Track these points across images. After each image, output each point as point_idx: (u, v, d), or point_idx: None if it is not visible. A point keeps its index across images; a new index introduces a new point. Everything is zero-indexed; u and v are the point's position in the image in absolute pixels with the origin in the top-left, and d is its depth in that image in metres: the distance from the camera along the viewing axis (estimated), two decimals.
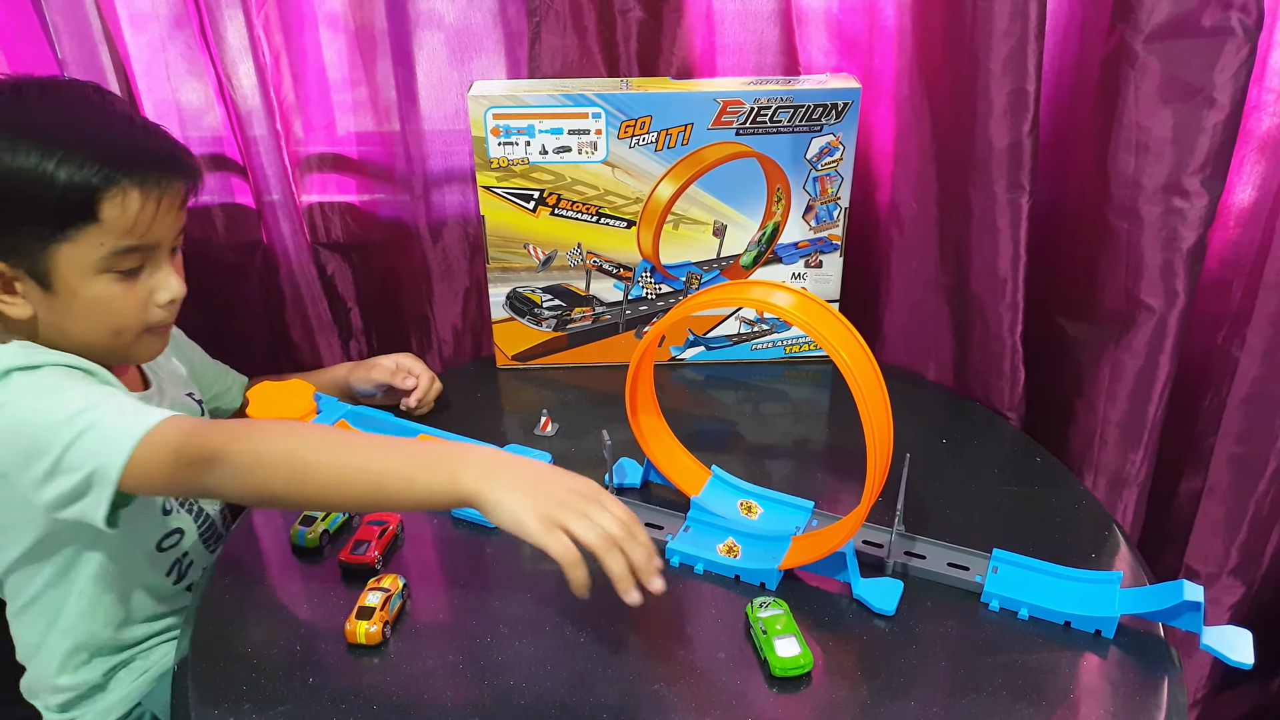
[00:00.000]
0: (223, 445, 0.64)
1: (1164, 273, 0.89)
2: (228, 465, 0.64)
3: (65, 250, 0.70)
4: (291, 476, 0.65)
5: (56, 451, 0.66)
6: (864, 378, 0.67)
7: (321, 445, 0.66)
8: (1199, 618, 0.68)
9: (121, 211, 0.70)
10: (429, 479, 0.64)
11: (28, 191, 0.68)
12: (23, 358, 0.70)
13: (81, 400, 0.68)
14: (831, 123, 0.96)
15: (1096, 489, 0.99)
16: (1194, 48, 0.81)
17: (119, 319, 0.75)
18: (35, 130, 0.69)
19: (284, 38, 1.05)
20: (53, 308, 0.72)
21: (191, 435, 0.66)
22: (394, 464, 0.65)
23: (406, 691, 0.67)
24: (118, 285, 0.73)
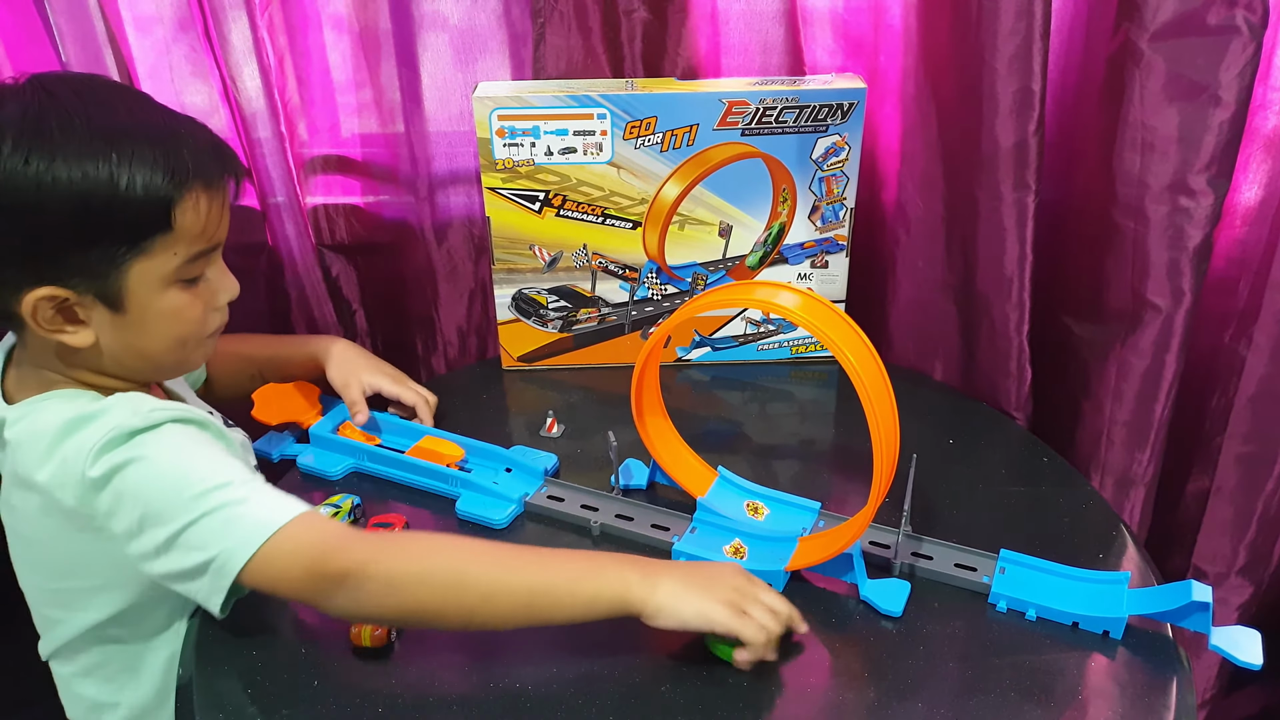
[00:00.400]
0: (364, 562, 0.63)
1: (1170, 272, 0.88)
2: (369, 584, 0.63)
3: (138, 266, 0.65)
4: (445, 595, 0.64)
5: (178, 525, 0.63)
6: (870, 378, 0.67)
7: (476, 558, 0.65)
8: (1207, 618, 0.67)
9: (195, 216, 0.66)
10: (594, 587, 0.66)
11: (101, 207, 0.63)
12: (139, 417, 0.66)
13: (216, 474, 0.65)
14: (837, 123, 0.96)
15: (1104, 489, 0.99)
16: (1199, 46, 0.81)
17: (188, 328, 0.71)
18: (94, 140, 0.62)
19: (288, 39, 1.05)
20: (122, 328, 0.68)
21: (330, 547, 0.63)
22: (556, 577, 0.66)
23: (412, 694, 0.67)
24: (185, 294, 0.69)
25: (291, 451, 0.92)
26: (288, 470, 0.91)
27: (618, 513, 0.83)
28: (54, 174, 0.61)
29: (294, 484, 0.89)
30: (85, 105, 0.64)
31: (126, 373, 0.72)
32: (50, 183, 0.61)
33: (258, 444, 0.91)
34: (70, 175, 0.62)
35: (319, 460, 0.90)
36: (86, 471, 0.65)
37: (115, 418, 0.66)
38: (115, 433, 0.65)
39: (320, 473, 0.89)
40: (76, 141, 0.62)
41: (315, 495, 0.85)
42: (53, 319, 0.66)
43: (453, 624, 0.66)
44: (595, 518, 0.82)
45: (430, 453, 0.89)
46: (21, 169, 0.61)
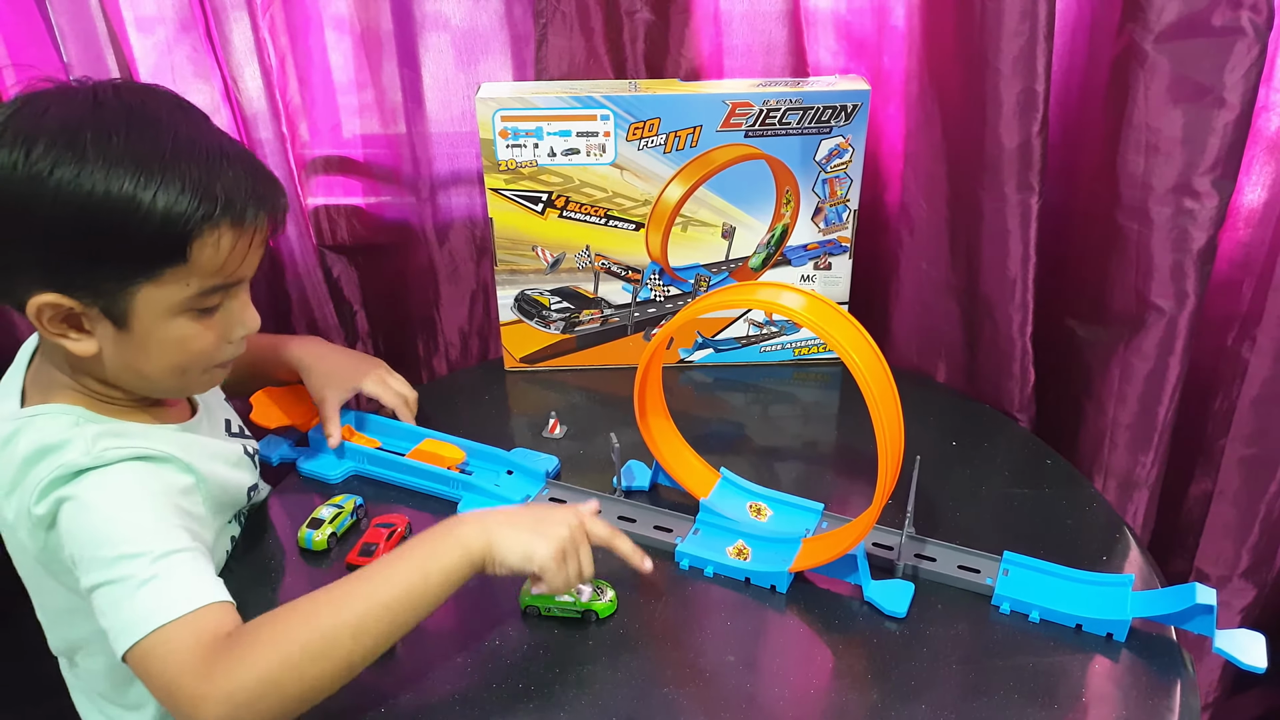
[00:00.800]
0: (218, 691, 0.58)
1: (1174, 274, 0.88)
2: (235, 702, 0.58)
3: (147, 291, 0.64)
4: (317, 665, 0.60)
5: (92, 581, 0.63)
6: (875, 380, 0.66)
7: (321, 613, 0.62)
8: (1211, 621, 0.67)
9: (214, 252, 0.64)
10: (440, 566, 0.64)
11: (115, 228, 0.61)
12: (93, 454, 0.65)
13: (136, 540, 0.63)
14: (841, 124, 0.96)
15: (1106, 491, 0.99)
16: (1204, 47, 0.81)
17: (191, 358, 0.69)
18: (127, 157, 0.61)
19: (290, 40, 1.05)
20: (123, 345, 0.67)
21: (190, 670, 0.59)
22: (403, 579, 0.64)
23: (413, 694, 0.67)
24: (195, 324, 0.68)
25: (291, 455, 0.91)
26: (288, 474, 0.91)
27: (620, 514, 0.82)
28: (75, 187, 0.60)
29: (294, 487, 0.89)
30: (128, 123, 0.63)
31: (126, 386, 0.72)
32: (69, 195, 0.60)
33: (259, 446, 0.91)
34: (91, 191, 0.61)
35: (319, 464, 0.90)
36: (32, 509, 0.65)
37: (68, 454, 0.65)
38: (62, 470, 0.65)
39: (320, 476, 0.89)
40: (107, 159, 0.61)
41: (316, 498, 0.85)
42: (58, 324, 0.65)
43: (342, 680, 0.62)
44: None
45: (431, 455, 0.88)
46: (45, 177, 0.60)
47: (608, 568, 0.74)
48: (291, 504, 0.86)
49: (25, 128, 0.61)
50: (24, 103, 0.63)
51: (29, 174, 0.60)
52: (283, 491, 0.88)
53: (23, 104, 0.63)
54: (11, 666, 0.97)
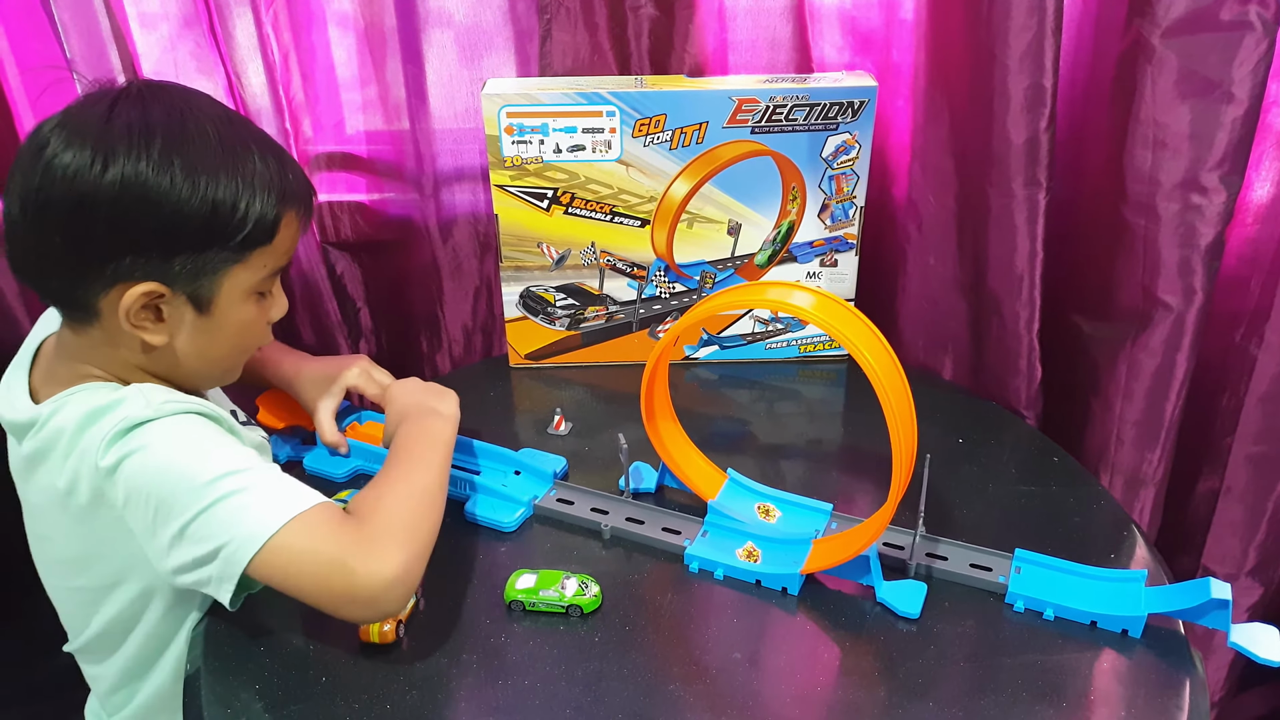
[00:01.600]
0: (363, 543, 0.65)
1: (1181, 270, 0.88)
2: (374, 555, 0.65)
3: (235, 272, 0.69)
4: (436, 504, 0.72)
5: (189, 514, 0.64)
6: (887, 378, 0.66)
7: (415, 474, 0.73)
8: (1227, 616, 0.67)
9: (288, 234, 0.72)
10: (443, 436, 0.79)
11: (226, 216, 0.67)
12: (151, 408, 0.67)
13: (226, 461, 0.66)
14: (847, 121, 0.96)
15: (1113, 488, 0.98)
16: (1212, 42, 0.80)
17: (252, 339, 0.76)
18: (225, 151, 0.67)
19: (293, 36, 1.05)
20: (198, 331, 0.71)
21: (340, 541, 0.65)
22: (437, 448, 0.77)
23: (419, 691, 0.67)
24: (256, 306, 0.74)
25: (297, 454, 0.91)
26: (292, 473, 0.90)
27: (628, 516, 0.82)
28: (193, 180, 0.65)
29: None
30: (215, 119, 0.68)
31: (177, 376, 0.74)
32: (189, 188, 0.65)
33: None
34: (206, 183, 0.65)
35: (324, 462, 0.90)
36: (99, 462, 0.65)
37: (127, 409, 0.67)
38: (125, 423, 0.66)
39: (325, 475, 0.89)
40: (212, 153, 0.66)
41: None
42: (141, 315, 0.68)
43: (439, 524, 0.71)
44: (605, 521, 0.81)
45: (370, 437, 0.90)
46: (167, 169, 0.64)
47: (599, 569, 0.73)
48: None
49: (133, 136, 0.64)
50: (114, 110, 0.65)
51: (152, 169, 0.64)
52: None
53: (113, 112, 0.65)
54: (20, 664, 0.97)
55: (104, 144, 0.63)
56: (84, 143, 0.63)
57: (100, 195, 0.63)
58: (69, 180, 0.63)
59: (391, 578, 0.64)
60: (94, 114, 0.65)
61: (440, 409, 0.81)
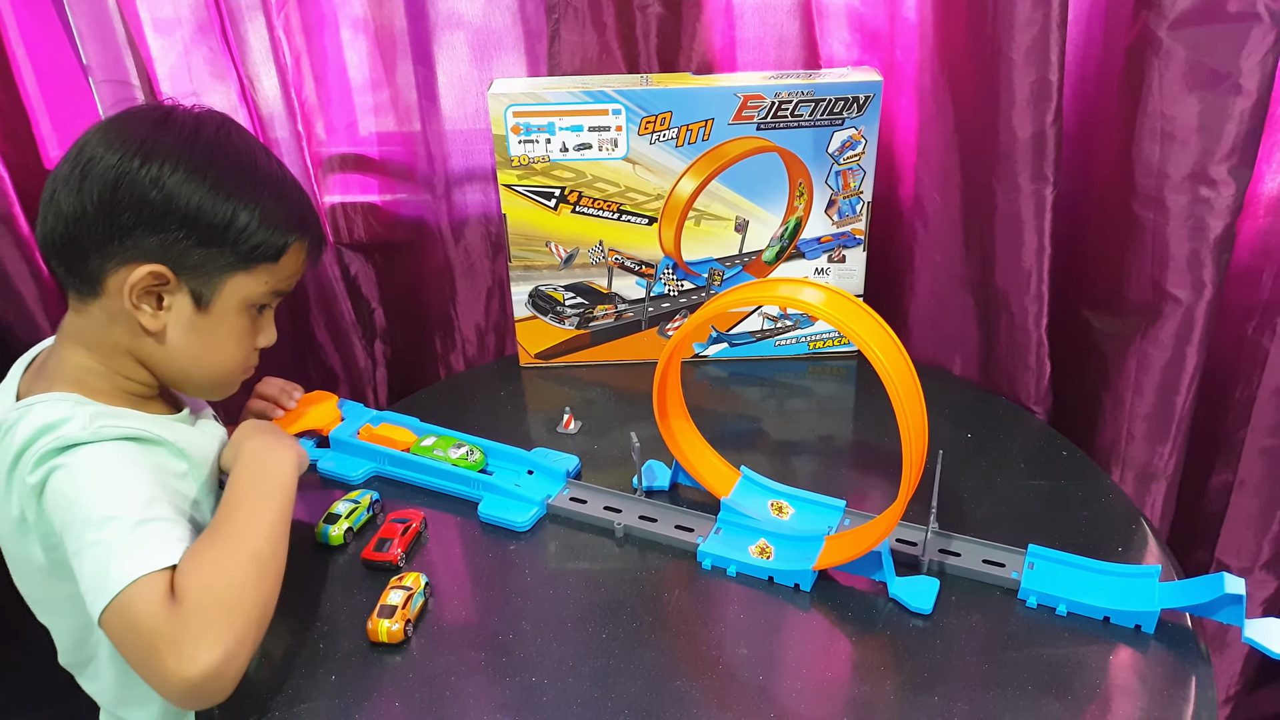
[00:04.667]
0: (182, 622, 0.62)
1: (1191, 263, 0.87)
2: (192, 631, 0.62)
3: (238, 279, 0.74)
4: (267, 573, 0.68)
5: (74, 546, 0.65)
6: (898, 374, 0.66)
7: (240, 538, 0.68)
8: (1241, 610, 0.66)
9: (293, 260, 0.77)
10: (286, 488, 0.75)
11: (243, 225, 0.72)
12: (90, 430, 0.69)
13: (123, 504, 0.66)
14: (853, 116, 0.96)
15: (1124, 483, 0.98)
16: (1220, 34, 0.80)
17: (240, 353, 0.78)
18: (252, 174, 0.73)
19: (305, 39, 1.06)
20: (192, 329, 0.74)
21: (156, 615, 0.62)
22: (274, 501, 0.73)
23: (428, 689, 0.67)
24: (249, 322, 0.77)
25: (312, 456, 0.91)
26: (308, 475, 0.91)
27: (641, 514, 0.82)
28: (220, 191, 0.71)
29: (313, 485, 0.90)
30: (256, 151, 0.76)
31: (161, 370, 0.75)
32: (214, 198, 0.71)
33: None
34: (230, 196, 0.71)
35: (340, 464, 0.90)
36: (27, 478, 0.68)
37: (67, 429, 0.68)
38: (58, 442, 0.67)
39: (341, 477, 0.90)
40: (244, 175, 0.73)
41: (336, 493, 0.86)
42: (143, 296, 0.71)
43: (276, 592, 0.68)
44: (619, 519, 0.82)
45: (385, 438, 0.91)
46: (200, 178, 0.70)
47: (612, 567, 0.73)
48: (310, 500, 0.87)
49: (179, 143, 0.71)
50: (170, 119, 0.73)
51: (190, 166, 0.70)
52: (301, 489, 0.88)
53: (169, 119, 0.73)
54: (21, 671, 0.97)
55: (150, 146, 0.70)
56: (132, 142, 0.70)
57: (135, 182, 0.69)
58: (112, 166, 0.69)
59: (204, 674, 0.60)
60: (145, 119, 0.72)
61: (281, 447, 0.78)
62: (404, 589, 0.73)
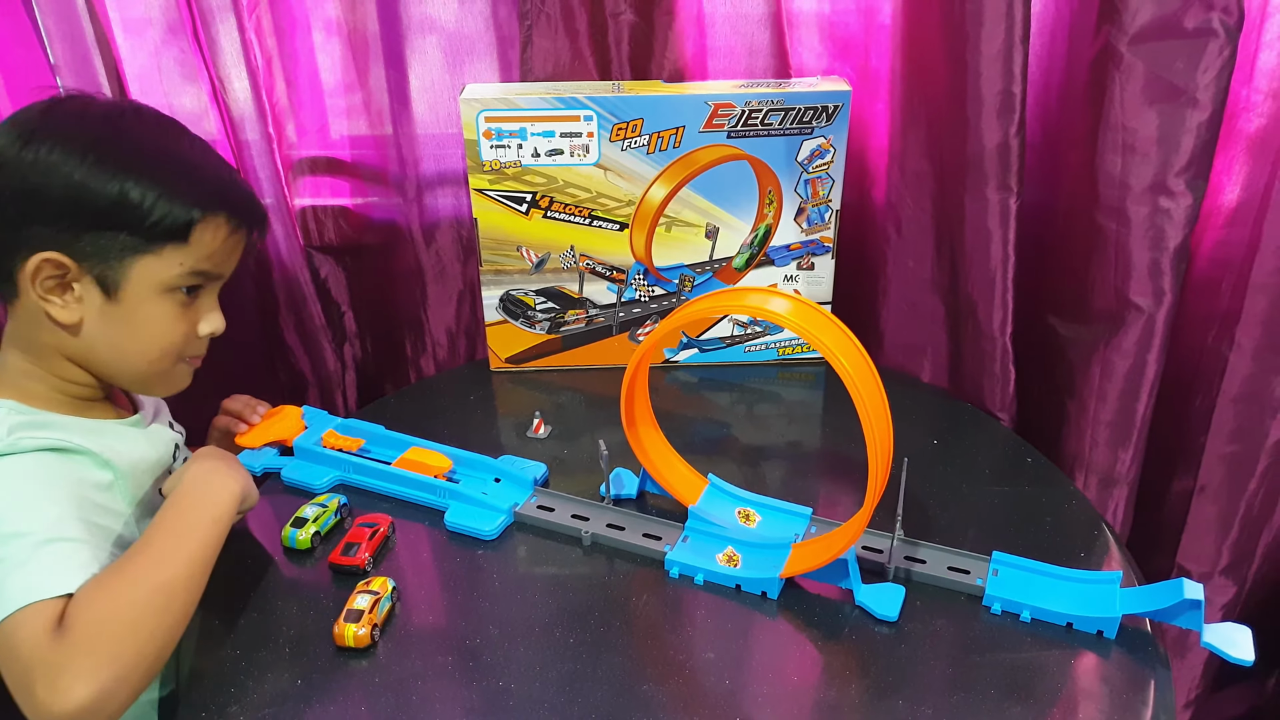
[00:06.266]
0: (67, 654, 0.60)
1: (1152, 272, 0.89)
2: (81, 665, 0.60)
3: (145, 262, 0.71)
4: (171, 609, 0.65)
5: None
6: (863, 383, 0.67)
7: (148, 567, 0.66)
8: (1199, 616, 0.68)
9: (210, 238, 0.73)
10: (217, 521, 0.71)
11: (134, 206, 0.69)
12: (6, 442, 0.68)
13: (28, 522, 0.65)
14: (822, 125, 0.97)
15: (1088, 488, 0.99)
16: (1177, 49, 0.81)
17: (168, 340, 0.75)
18: (154, 146, 0.72)
19: (276, 42, 1.06)
20: (107, 318, 0.72)
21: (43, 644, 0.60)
22: (198, 533, 0.70)
23: (395, 694, 0.67)
24: (174, 307, 0.74)
25: (275, 464, 0.91)
26: (272, 482, 0.90)
27: (609, 522, 0.83)
28: (106, 170, 0.69)
29: (279, 489, 0.89)
30: (158, 128, 0.75)
31: (97, 367, 0.75)
32: (99, 176, 0.69)
33: (241, 456, 0.91)
34: (117, 174, 0.69)
35: (303, 473, 0.89)
36: None
37: None
38: None
39: (305, 485, 0.88)
40: (134, 154, 0.71)
41: (302, 499, 0.85)
42: (50, 287, 0.70)
43: (179, 630, 0.66)
44: (586, 527, 0.82)
45: (417, 464, 0.88)
46: (81, 157, 0.68)
47: (579, 575, 0.73)
48: (277, 504, 0.87)
49: (62, 127, 0.70)
50: (56, 106, 0.72)
51: (64, 150, 0.68)
52: (267, 493, 0.88)
53: (55, 107, 0.72)
54: None
55: (32, 128, 0.69)
56: (19, 126, 0.69)
57: (16, 166, 0.68)
58: None
59: (75, 710, 0.57)
60: (40, 107, 0.71)
61: (225, 475, 0.74)
62: (371, 593, 0.72)
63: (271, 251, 1.12)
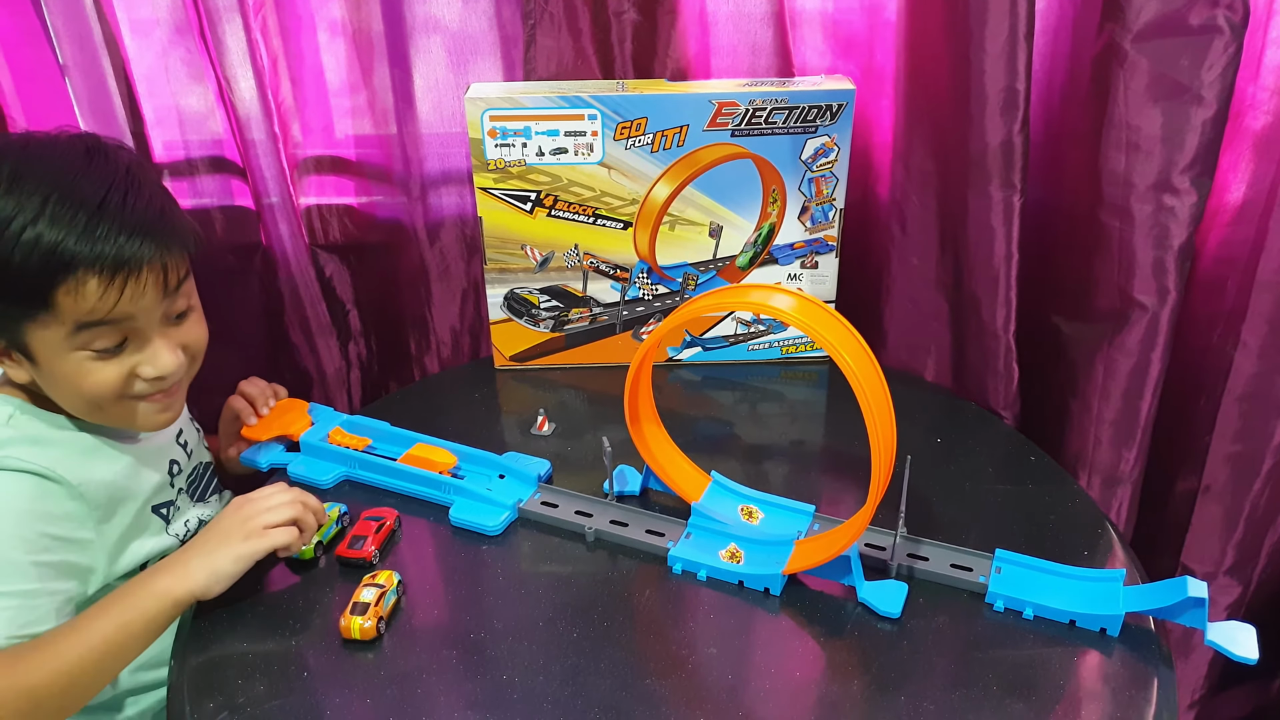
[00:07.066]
0: None
1: (1156, 270, 0.89)
2: None
3: (33, 329, 0.70)
4: (45, 709, 0.66)
5: None
6: (867, 381, 0.67)
7: (39, 662, 0.66)
8: (1203, 614, 0.67)
9: (76, 300, 0.68)
10: (142, 616, 0.69)
11: None
12: None
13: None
14: (826, 124, 0.97)
15: (1091, 488, 0.99)
16: (1182, 46, 0.81)
17: (96, 392, 0.73)
18: (3, 204, 0.67)
19: (282, 41, 1.06)
20: (42, 377, 0.73)
21: None
22: (107, 632, 0.68)
23: (399, 687, 0.68)
24: (94, 362, 0.72)
25: (281, 460, 0.91)
26: (276, 478, 0.90)
27: (612, 519, 0.83)
28: None
29: None
30: (15, 173, 0.68)
31: (71, 411, 0.76)
32: None
33: (246, 453, 0.92)
34: None
35: (309, 469, 0.90)
36: None
37: None
38: None
39: (311, 481, 0.89)
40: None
41: None
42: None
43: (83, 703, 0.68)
44: (589, 524, 0.82)
45: (422, 460, 0.88)
46: None
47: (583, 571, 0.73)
48: None
49: None
50: None
51: None
52: None
53: None
54: None
55: None
56: None
57: None
58: None
59: None
60: None
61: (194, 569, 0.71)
62: (377, 586, 0.73)
63: (277, 250, 1.13)
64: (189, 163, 1.10)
